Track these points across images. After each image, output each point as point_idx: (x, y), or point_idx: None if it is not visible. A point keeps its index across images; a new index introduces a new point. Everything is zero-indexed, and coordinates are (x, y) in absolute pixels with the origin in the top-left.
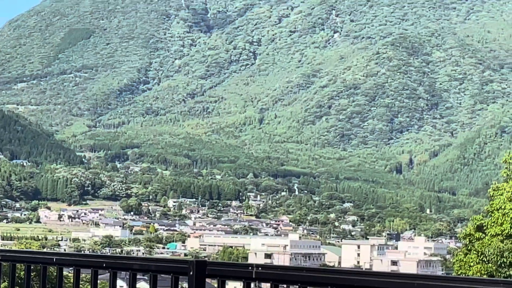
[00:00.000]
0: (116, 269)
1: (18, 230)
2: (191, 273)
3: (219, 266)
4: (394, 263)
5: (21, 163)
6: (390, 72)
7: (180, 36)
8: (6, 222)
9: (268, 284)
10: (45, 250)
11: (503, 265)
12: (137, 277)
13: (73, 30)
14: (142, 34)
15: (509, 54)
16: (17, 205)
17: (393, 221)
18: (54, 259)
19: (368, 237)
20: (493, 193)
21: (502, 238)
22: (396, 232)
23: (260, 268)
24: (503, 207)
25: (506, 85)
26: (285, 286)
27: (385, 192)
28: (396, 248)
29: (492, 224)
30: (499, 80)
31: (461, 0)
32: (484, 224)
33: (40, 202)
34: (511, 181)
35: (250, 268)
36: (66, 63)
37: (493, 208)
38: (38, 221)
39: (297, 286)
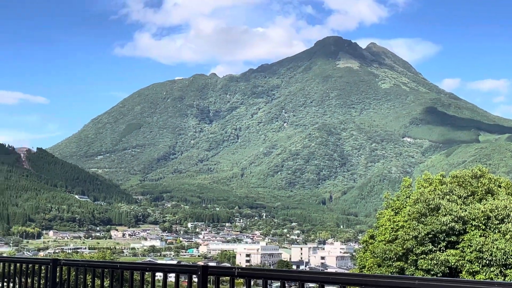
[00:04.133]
0: (154, 270)
1: (98, 243)
2: (199, 272)
3: (215, 268)
4: (322, 258)
5: (100, 203)
6: (317, 145)
7: (193, 126)
8: (91, 239)
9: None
10: (114, 256)
11: (386, 259)
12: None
13: (130, 124)
14: (171, 125)
15: (386, 134)
16: (98, 228)
17: (321, 233)
18: (118, 265)
19: (306, 243)
20: (379, 216)
21: (384, 243)
22: (323, 239)
23: (240, 270)
24: (384, 224)
25: (385, 151)
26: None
27: (316, 215)
28: (324, 249)
29: (379, 234)
30: (380, 149)
31: (357, 102)
32: (374, 234)
33: (111, 226)
34: (389, 209)
35: (234, 269)
36: (126, 143)
37: (379, 225)
38: (110, 237)
39: (262, 280)
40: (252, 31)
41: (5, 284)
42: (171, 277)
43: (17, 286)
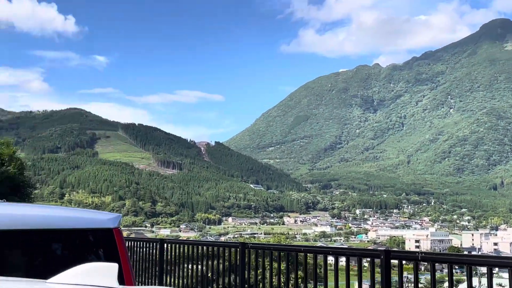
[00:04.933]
0: (337, 254)
1: (273, 229)
2: (382, 256)
3: (398, 252)
4: (495, 244)
5: (273, 191)
6: (486, 130)
7: (358, 116)
8: (266, 225)
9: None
10: (287, 241)
11: None
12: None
13: (298, 116)
14: (336, 116)
15: None
16: (271, 215)
17: (493, 219)
18: (302, 249)
19: (478, 229)
20: None
21: None
22: (495, 225)
23: (423, 254)
24: None
25: None
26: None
27: (487, 201)
28: (496, 235)
29: None
30: None
31: None
32: None
33: (284, 213)
34: None
35: (417, 253)
36: (295, 135)
37: None
38: (283, 223)
39: (447, 265)
40: (413, 19)
41: (198, 266)
42: (343, 261)
43: (204, 267)
